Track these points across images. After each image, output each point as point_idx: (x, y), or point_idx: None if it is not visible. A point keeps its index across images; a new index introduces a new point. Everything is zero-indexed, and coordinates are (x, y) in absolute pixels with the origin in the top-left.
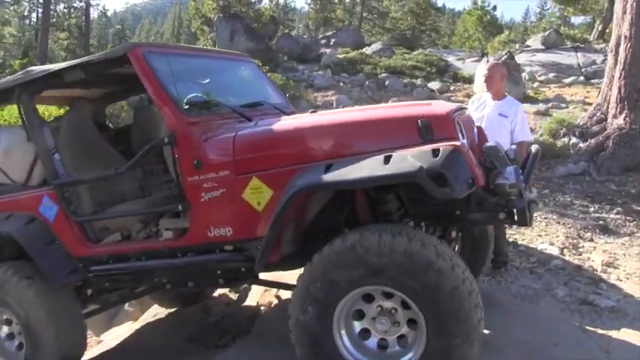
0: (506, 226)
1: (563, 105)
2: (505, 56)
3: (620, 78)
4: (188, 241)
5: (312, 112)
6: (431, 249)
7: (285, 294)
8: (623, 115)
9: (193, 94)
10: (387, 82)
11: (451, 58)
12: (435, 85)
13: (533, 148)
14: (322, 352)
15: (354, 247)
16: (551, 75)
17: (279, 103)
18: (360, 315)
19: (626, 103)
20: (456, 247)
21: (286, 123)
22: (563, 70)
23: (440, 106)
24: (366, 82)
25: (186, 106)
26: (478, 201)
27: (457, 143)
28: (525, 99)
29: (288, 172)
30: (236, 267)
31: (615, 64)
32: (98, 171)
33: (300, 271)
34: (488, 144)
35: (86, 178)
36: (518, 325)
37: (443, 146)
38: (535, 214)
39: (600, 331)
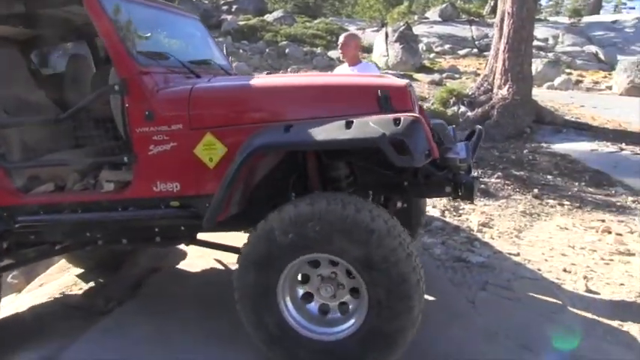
0: None
1: (457, 75)
2: (403, 27)
3: (504, 52)
4: (131, 195)
5: (267, 73)
6: (411, 258)
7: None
8: (507, 87)
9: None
10: (287, 50)
11: (352, 28)
12: (334, 53)
13: (477, 128)
14: (264, 274)
15: (372, 232)
16: (447, 47)
17: (224, 64)
18: (315, 265)
19: (509, 75)
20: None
21: (245, 81)
22: (458, 43)
23: (397, 80)
24: (266, 50)
25: (139, 55)
26: (425, 174)
27: (416, 115)
28: (421, 69)
29: (244, 130)
30: (177, 224)
31: (500, 38)
32: (32, 116)
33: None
34: (436, 120)
35: (22, 121)
36: None
37: (404, 116)
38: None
39: (469, 285)
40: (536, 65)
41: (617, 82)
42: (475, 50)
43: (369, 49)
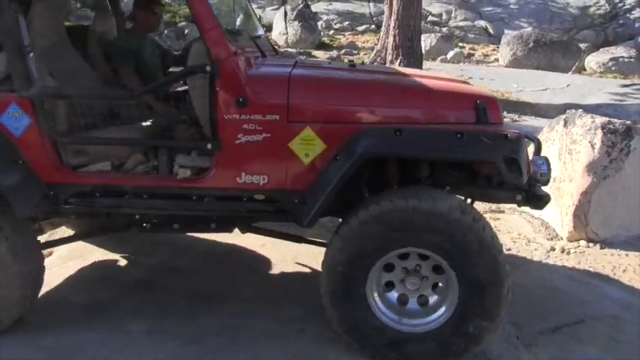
0: None
1: (355, 52)
2: (301, 5)
3: (394, 27)
4: (210, 184)
5: (350, 65)
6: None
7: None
8: (398, 61)
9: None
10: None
11: (253, 6)
12: None
13: (534, 138)
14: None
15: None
16: (345, 23)
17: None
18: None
19: (400, 50)
20: None
21: (350, 76)
22: (356, 19)
23: (483, 90)
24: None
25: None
26: (499, 180)
27: (516, 132)
28: (320, 46)
29: (347, 128)
30: (255, 218)
31: (390, 14)
32: (82, 83)
33: None
34: None
35: (91, 94)
36: None
37: (510, 133)
38: None
39: None
40: (431, 40)
41: (502, 54)
42: (373, 26)
43: (268, 28)
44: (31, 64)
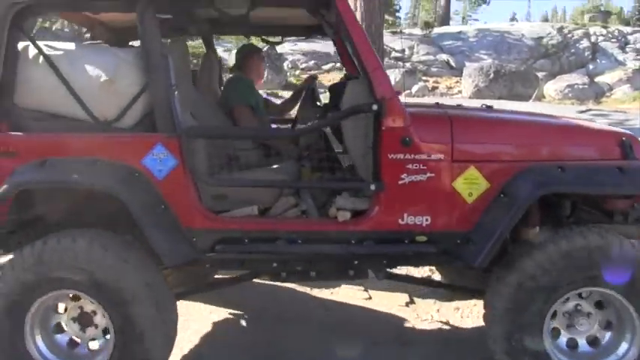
0: None
1: (322, 90)
2: (266, 47)
3: None
4: (372, 227)
5: (486, 106)
6: None
7: None
8: None
9: None
10: None
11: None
12: None
13: None
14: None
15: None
16: (311, 63)
17: None
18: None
19: None
20: None
21: (501, 116)
22: (322, 58)
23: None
24: None
25: None
26: (636, 216)
27: None
28: (287, 86)
29: (509, 167)
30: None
31: None
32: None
33: None
34: None
35: (254, 132)
36: None
37: None
38: None
39: None
40: (395, 75)
41: (465, 86)
42: (338, 64)
43: None
44: (176, 104)
